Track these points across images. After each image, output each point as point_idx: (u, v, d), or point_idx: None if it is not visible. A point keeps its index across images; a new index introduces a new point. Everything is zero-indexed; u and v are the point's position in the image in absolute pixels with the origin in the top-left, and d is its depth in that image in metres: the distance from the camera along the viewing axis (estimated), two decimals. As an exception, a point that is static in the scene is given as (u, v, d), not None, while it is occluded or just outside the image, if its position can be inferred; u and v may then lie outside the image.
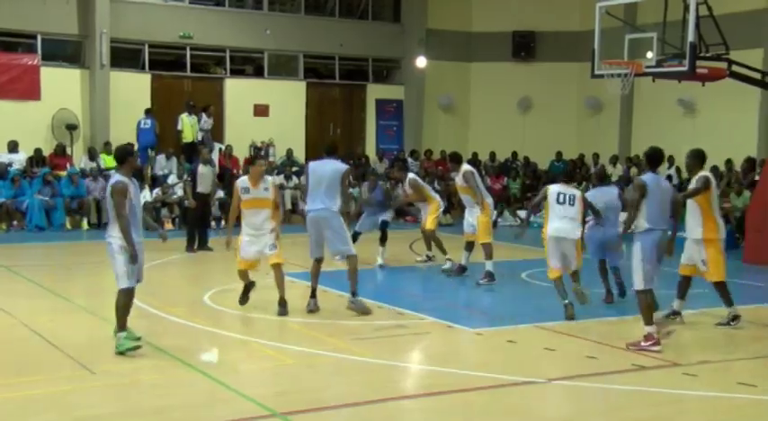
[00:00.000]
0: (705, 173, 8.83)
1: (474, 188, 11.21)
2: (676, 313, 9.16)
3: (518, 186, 21.36)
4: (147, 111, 19.22)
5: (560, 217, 9.22)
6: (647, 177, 8.13)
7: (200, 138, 19.70)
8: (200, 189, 14.14)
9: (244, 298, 9.39)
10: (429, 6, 22.84)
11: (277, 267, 9.07)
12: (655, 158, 8.34)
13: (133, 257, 7.13)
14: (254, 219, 9.05)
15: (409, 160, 20.65)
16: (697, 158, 8.90)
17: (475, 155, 22.47)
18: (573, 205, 9.29)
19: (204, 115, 19.64)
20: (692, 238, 8.81)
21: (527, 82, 22.84)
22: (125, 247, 7.13)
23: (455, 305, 10.08)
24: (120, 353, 7.21)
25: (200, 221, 14.23)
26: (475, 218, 11.26)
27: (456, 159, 11.73)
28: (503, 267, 11.58)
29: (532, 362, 7.47)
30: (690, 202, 8.79)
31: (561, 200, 9.27)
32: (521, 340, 8.14)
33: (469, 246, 11.62)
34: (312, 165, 9.48)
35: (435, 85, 22.95)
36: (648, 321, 7.92)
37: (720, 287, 8.85)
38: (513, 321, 8.96)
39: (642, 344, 7.79)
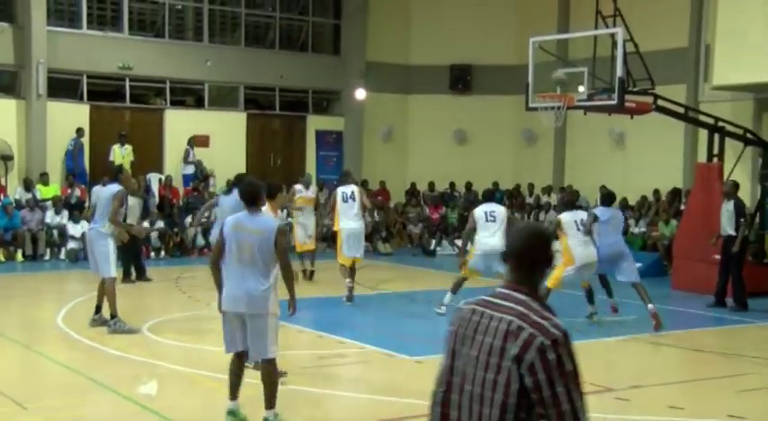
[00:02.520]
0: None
1: None
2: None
3: (456, 216, 21.70)
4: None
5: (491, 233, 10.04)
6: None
7: (187, 171, 19.92)
8: (128, 220, 13.98)
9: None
10: (368, 40, 23.20)
11: None
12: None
13: None
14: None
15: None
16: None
17: (413, 185, 22.77)
18: (495, 221, 10.40)
19: (190, 149, 20.09)
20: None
21: (464, 114, 23.29)
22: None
23: (395, 334, 10.14)
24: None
25: (131, 253, 13.93)
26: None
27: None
28: (440, 295, 11.74)
29: None
30: None
31: (489, 218, 10.13)
32: None
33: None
34: (95, 188, 10.64)
35: (374, 116, 23.25)
36: None
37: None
38: None
39: None
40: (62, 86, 19.61)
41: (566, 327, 2.86)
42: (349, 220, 12.13)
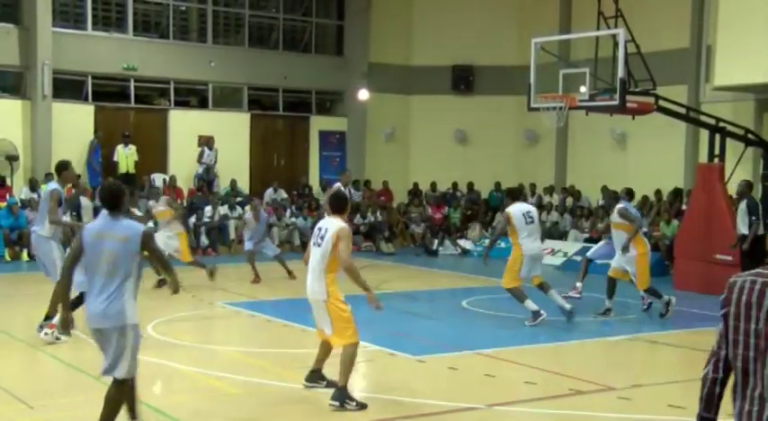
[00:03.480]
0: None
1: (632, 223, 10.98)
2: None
3: (458, 216, 21.78)
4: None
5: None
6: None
7: (200, 171, 19.90)
8: (85, 221, 14.01)
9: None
10: (371, 40, 23.27)
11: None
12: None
13: None
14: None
15: (352, 191, 20.89)
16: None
17: (416, 185, 22.84)
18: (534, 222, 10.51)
19: (206, 149, 20.07)
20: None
21: (466, 114, 23.35)
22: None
23: (397, 333, 10.15)
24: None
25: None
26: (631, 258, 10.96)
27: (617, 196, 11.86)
28: (443, 295, 11.83)
29: (473, 389, 7.64)
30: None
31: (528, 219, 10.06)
32: (462, 367, 8.35)
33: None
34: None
35: (377, 116, 23.33)
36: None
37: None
38: (453, 348, 9.17)
39: None
40: (67, 87, 19.71)
41: None
42: None
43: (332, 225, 6.88)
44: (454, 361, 8.56)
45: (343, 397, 6.70)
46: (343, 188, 14.31)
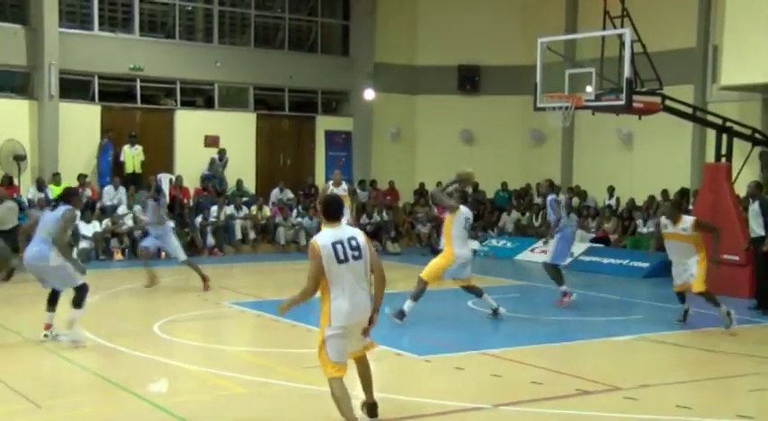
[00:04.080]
0: None
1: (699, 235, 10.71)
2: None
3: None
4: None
5: None
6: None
7: (207, 172, 20.22)
8: None
9: None
10: (376, 40, 23.27)
11: None
12: None
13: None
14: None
15: (358, 190, 20.94)
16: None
17: (422, 185, 22.83)
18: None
19: (217, 159, 20.34)
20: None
21: (472, 114, 23.35)
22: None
23: (403, 333, 10.14)
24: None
25: None
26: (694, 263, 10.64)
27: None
28: (449, 295, 11.81)
29: (479, 389, 7.63)
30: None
31: None
32: (468, 367, 8.34)
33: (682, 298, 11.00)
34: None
35: (383, 116, 23.33)
36: None
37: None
38: (460, 348, 9.16)
39: None
40: (73, 87, 19.76)
41: None
42: None
43: (356, 232, 6.19)
44: (460, 361, 8.56)
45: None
46: (334, 190, 14.28)
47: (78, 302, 9.05)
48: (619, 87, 13.45)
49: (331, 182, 15.25)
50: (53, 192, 18.29)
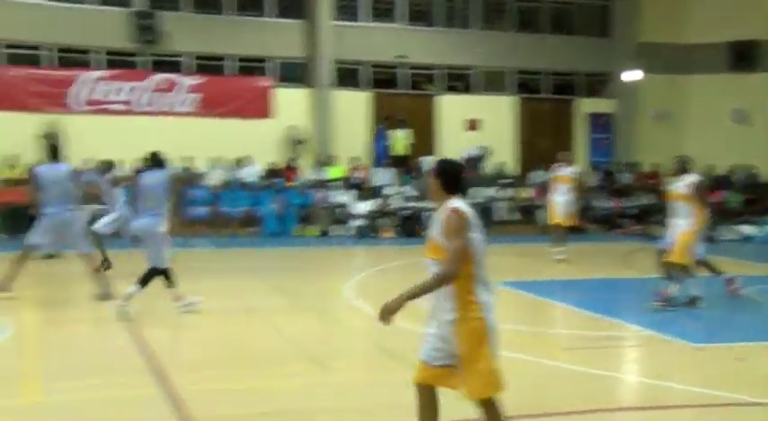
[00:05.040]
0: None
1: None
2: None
3: (740, 199, 20.49)
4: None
5: None
6: None
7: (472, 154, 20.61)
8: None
9: None
10: (641, 19, 22.43)
11: None
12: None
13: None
14: None
15: (624, 174, 20.45)
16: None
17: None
18: None
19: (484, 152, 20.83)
20: None
21: (747, 93, 21.80)
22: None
23: (674, 318, 9.48)
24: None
25: None
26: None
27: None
28: (719, 282, 11.05)
29: (764, 383, 6.91)
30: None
31: None
32: (749, 358, 7.66)
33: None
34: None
35: (648, 97, 22.50)
36: None
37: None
38: (738, 338, 8.53)
39: None
40: (344, 75, 21.19)
41: None
42: None
43: None
44: (740, 351, 7.87)
45: None
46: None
47: (146, 281, 8.95)
48: None
49: (560, 164, 14.71)
50: (329, 173, 19.80)
